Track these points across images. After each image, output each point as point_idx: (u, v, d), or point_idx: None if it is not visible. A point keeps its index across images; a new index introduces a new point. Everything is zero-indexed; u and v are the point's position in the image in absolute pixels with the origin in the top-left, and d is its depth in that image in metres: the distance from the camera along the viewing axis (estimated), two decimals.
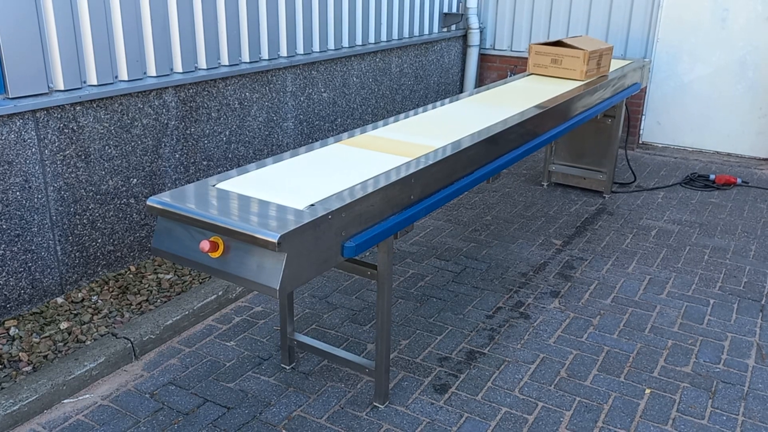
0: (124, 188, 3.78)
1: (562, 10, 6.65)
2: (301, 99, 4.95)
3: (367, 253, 4.28)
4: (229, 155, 4.43)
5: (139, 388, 2.97)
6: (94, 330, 3.26)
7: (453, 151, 2.89)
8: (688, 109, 6.46)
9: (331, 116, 5.32)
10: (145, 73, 3.80)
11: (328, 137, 4.34)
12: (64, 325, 3.28)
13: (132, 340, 3.15)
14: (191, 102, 4.06)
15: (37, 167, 3.31)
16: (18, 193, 3.26)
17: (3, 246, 3.24)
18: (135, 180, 3.83)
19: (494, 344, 3.33)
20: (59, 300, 3.51)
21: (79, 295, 3.57)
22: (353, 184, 2.47)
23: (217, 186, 2.43)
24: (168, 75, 3.90)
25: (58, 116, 3.36)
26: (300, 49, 4.87)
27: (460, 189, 2.91)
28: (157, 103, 3.85)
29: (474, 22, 6.94)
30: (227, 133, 4.37)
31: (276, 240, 2.02)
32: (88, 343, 3.16)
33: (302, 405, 2.87)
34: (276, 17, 4.59)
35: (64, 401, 2.86)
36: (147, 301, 3.56)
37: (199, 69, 4.11)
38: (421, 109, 3.67)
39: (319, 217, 2.18)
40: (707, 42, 6.21)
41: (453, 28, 6.88)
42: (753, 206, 5.24)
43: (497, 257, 4.29)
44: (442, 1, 6.65)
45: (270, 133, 4.73)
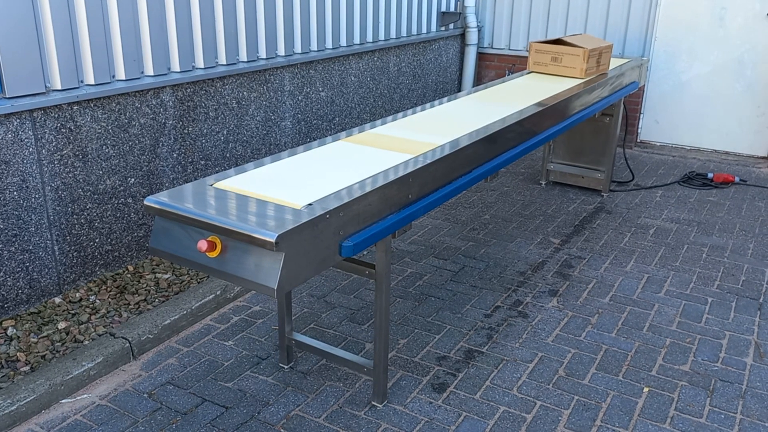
0: (122, 188, 3.78)
1: (560, 9, 6.65)
2: (299, 98, 4.95)
3: (365, 253, 4.28)
4: (227, 154, 4.43)
5: (137, 387, 2.96)
6: (92, 330, 3.26)
7: (451, 149, 2.88)
8: (686, 108, 6.46)
9: (329, 115, 5.32)
10: (142, 72, 3.80)
11: (326, 136, 4.34)
12: (61, 325, 3.27)
13: (130, 339, 3.14)
14: (189, 101, 4.06)
15: (34, 167, 3.31)
16: (15, 193, 3.25)
17: (0, 246, 3.23)
18: (132, 179, 3.83)
19: (492, 343, 3.33)
20: (57, 300, 3.51)
21: (77, 294, 3.56)
22: (351, 183, 2.46)
23: (215, 185, 2.43)
24: (165, 74, 3.89)
25: (56, 116, 3.36)
26: (298, 48, 4.87)
27: (458, 188, 2.91)
28: (154, 103, 3.85)
29: (472, 21, 6.94)
30: (225, 132, 4.36)
31: (274, 240, 2.02)
32: (86, 342, 3.16)
33: (300, 404, 2.86)
34: (273, 16, 4.59)
35: (62, 401, 2.86)
36: (145, 300, 3.55)
37: (197, 68, 4.11)
38: (419, 108, 3.67)
39: (317, 217, 2.17)
40: (705, 40, 6.21)
41: (451, 26, 6.88)
42: (751, 204, 5.24)
43: (495, 256, 4.29)
44: (440, 0, 6.64)
45: (268, 132, 4.72)
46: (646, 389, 3.00)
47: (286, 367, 3.12)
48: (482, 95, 4.03)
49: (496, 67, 7.17)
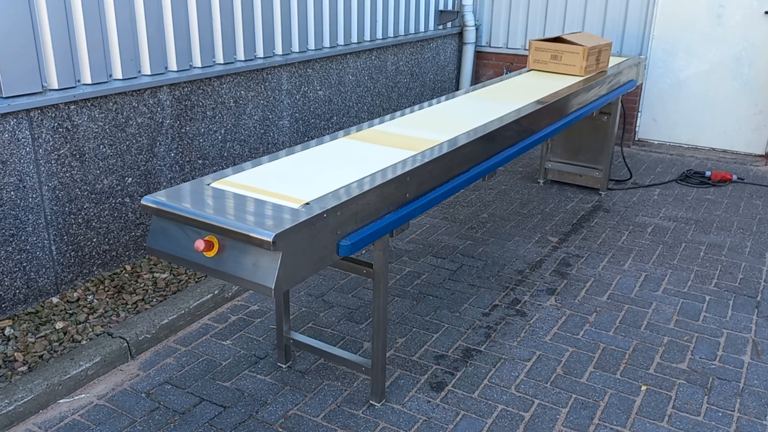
0: (119, 187, 3.77)
1: (558, 7, 6.65)
2: (297, 97, 4.94)
3: (363, 252, 4.28)
4: (225, 154, 4.42)
5: (135, 387, 2.96)
6: (90, 329, 3.26)
7: (449, 148, 2.88)
8: (683, 106, 6.46)
9: (326, 114, 5.32)
10: (139, 71, 3.79)
11: (324, 135, 4.33)
12: (59, 325, 3.27)
13: (128, 339, 3.14)
14: (186, 100, 4.05)
15: (31, 166, 3.30)
16: (12, 193, 3.24)
17: None
18: (130, 179, 3.82)
19: (490, 342, 3.33)
20: (54, 300, 3.50)
21: (75, 294, 3.56)
22: (349, 182, 2.46)
23: (213, 185, 2.43)
24: (163, 73, 3.89)
25: (53, 115, 3.35)
26: (295, 47, 4.86)
27: (456, 187, 2.91)
28: (151, 102, 3.84)
29: (470, 20, 6.93)
30: (222, 131, 4.36)
31: (271, 239, 2.01)
32: (84, 342, 3.15)
33: (298, 403, 2.86)
34: (271, 15, 4.58)
35: (60, 401, 2.86)
36: (143, 300, 3.55)
37: (194, 67, 4.10)
38: (417, 107, 3.66)
39: (315, 216, 2.17)
40: (703, 38, 6.21)
41: (449, 25, 6.88)
42: (749, 203, 5.25)
43: (493, 255, 4.29)
44: None
45: (265, 131, 4.72)
46: (643, 387, 3.00)
47: (284, 366, 3.12)
48: (480, 93, 4.03)
49: (493, 65, 7.17)
